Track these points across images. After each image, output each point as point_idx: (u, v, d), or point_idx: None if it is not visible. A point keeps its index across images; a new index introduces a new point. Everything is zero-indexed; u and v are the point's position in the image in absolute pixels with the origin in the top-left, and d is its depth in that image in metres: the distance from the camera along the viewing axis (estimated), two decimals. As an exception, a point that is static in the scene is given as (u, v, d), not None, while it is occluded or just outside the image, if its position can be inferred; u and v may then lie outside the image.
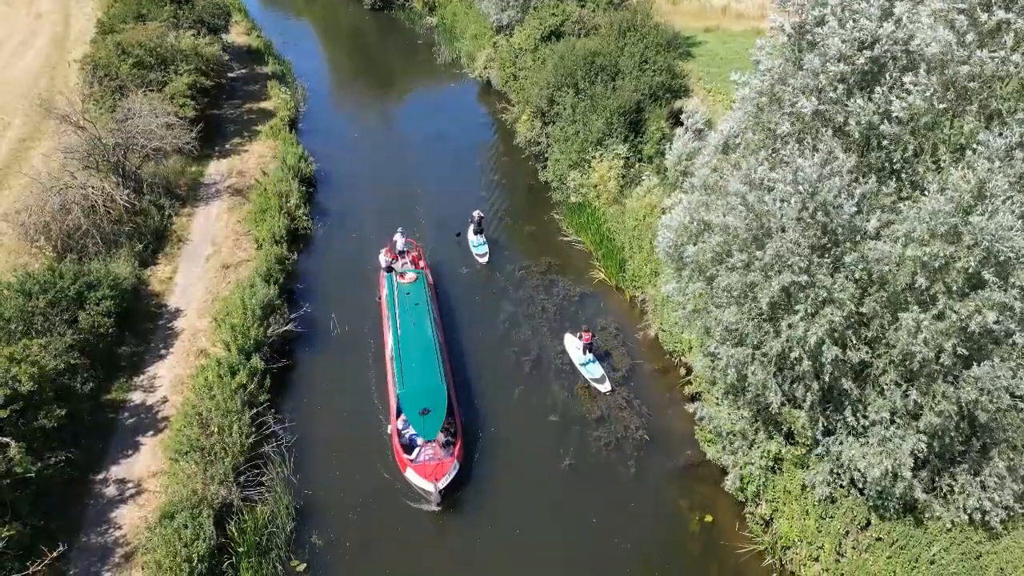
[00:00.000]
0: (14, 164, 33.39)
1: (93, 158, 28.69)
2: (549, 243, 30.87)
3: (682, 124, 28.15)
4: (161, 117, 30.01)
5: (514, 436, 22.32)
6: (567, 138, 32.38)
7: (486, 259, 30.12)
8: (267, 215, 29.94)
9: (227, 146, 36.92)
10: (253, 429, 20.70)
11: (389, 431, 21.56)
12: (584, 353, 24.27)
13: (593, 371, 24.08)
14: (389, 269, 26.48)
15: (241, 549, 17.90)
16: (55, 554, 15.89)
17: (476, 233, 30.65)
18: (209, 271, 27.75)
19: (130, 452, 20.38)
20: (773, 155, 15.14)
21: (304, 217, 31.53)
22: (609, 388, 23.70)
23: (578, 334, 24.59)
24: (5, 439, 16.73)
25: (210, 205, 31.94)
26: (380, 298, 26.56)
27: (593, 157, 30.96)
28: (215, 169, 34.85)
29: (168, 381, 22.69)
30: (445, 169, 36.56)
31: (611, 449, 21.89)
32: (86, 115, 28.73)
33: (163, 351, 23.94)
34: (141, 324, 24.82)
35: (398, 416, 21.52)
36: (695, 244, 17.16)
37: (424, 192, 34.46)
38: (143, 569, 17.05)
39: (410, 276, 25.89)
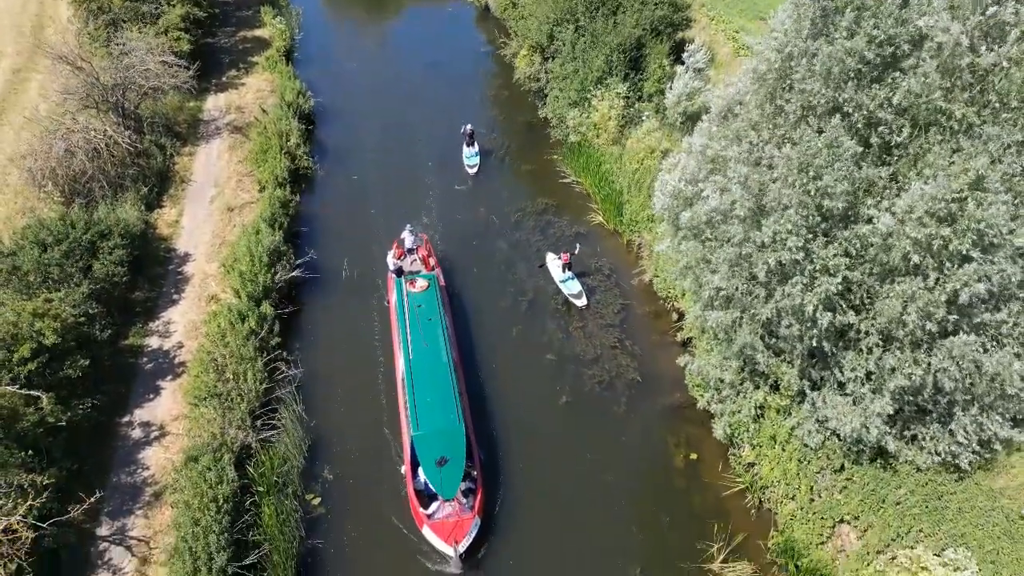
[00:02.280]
0: (11, 96, 33.33)
1: (92, 98, 28.67)
2: (547, 184, 31.24)
3: (683, 62, 28.29)
4: (158, 55, 29.77)
5: (513, 374, 23.51)
6: (566, 76, 32.20)
7: (476, 170, 31.69)
8: (268, 156, 30.16)
9: (223, 79, 36.61)
10: (266, 375, 21.80)
11: (403, 471, 20.16)
12: (563, 271, 26.17)
13: (571, 287, 25.98)
14: (399, 272, 24.89)
15: (261, 489, 19.32)
16: (93, 499, 17.22)
17: (468, 145, 32.31)
18: (214, 214, 28.25)
19: (151, 396, 21.55)
20: (774, 130, 15.54)
21: (305, 156, 31.71)
22: (584, 303, 25.74)
23: (559, 254, 26.51)
24: (36, 392, 17.76)
25: (210, 144, 32.06)
26: (388, 303, 24.98)
27: (593, 96, 30.91)
28: (213, 104, 34.72)
29: (182, 327, 23.65)
30: (444, 104, 36.34)
31: (604, 387, 23.15)
32: (82, 55, 28.49)
33: (175, 296, 24.80)
34: (152, 269, 25.57)
35: (413, 460, 19.83)
36: (691, 208, 17.74)
37: (423, 128, 34.49)
38: (173, 507, 18.49)
39: (421, 284, 23.90)
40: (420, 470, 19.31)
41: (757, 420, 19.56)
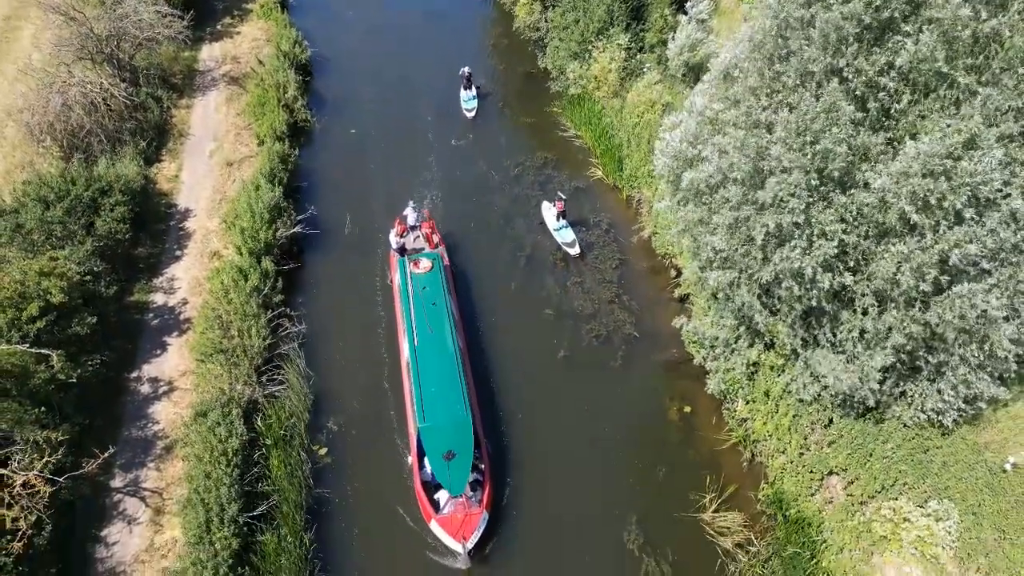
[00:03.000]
0: (3, 45, 32.88)
1: (86, 50, 28.32)
2: (547, 137, 31.09)
3: (686, 12, 27.86)
4: (151, 4, 29.27)
5: (512, 328, 23.93)
6: (567, 26, 31.69)
7: (473, 114, 32.01)
8: (266, 109, 29.94)
9: (218, 27, 36.02)
10: (270, 331, 22.19)
11: (410, 461, 20.05)
12: (558, 219, 26.46)
13: (565, 236, 26.40)
14: (401, 251, 24.53)
15: (268, 442, 19.93)
16: (106, 455, 17.80)
17: (465, 88, 32.52)
18: (214, 168, 28.22)
19: (158, 352, 21.99)
20: (773, 95, 15.52)
21: (303, 109, 31.47)
22: (578, 251, 26.13)
23: (553, 202, 26.74)
24: (47, 351, 18.14)
25: (207, 96, 31.77)
26: (391, 281, 24.60)
27: (594, 47, 30.50)
28: (208, 55, 34.24)
29: (186, 283, 23.94)
30: (443, 53, 35.80)
31: (601, 342, 23.59)
32: (75, 5, 28.00)
33: (178, 252, 25.01)
34: (154, 225, 25.71)
35: (419, 452, 19.60)
36: (691, 169, 17.82)
37: (421, 78, 34.14)
38: (184, 460, 19.12)
39: (425, 264, 23.16)
40: (427, 461, 19.13)
41: (751, 377, 20.03)
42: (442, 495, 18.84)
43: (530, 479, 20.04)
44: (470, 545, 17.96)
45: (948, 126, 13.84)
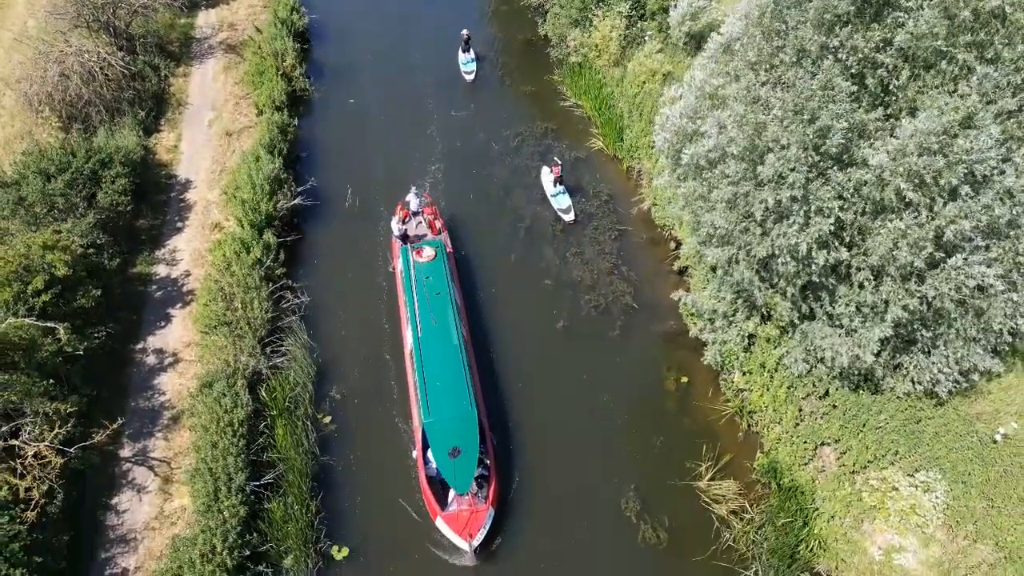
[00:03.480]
0: (-6, 9, 32.55)
1: (82, 17, 28.07)
2: (548, 107, 30.93)
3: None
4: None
5: (511, 299, 24.14)
6: (567, -8, 31.31)
7: (472, 77, 32.07)
8: (264, 78, 29.74)
9: (214, -9, 35.55)
10: (272, 303, 22.41)
11: (415, 455, 19.91)
12: (555, 185, 26.67)
13: (561, 201, 26.61)
14: (404, 238, 24.32)
15: (273, 412, 20.29)
16: (115, 426, 18.17)
17: (464, 51, 32.60)
18: (213, 138, 28.16)
19: (162, 324, 22.24)
20: (771, 71, 15.51)
21: (301, 78, 31.23)
22: (573, 218, 26.33)
23: (551, 167, 27.02)
24: (53, 324, 18.38)
25: (205, 64, 31.53)
26: (393, 268, 24.32)
27: (595, 15, 30.17)
28: (204, 21, 33.90)
29: (188, 255, 24.10)
30: (442, 20, 35.38)
31: (600, 312, 23.84)
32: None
33: (179, 224, 25.11)
34: (154, 196, 25.77)
35: (424, 445, 19.45)
36: (691, 144, 17.85)
37: (419, 46, 33.84)
38: (191, 431, 19.50)
39: (428, 253, 22.77)
40: (432, 455, 18.99)
41: (747, 349, 20.32)
42: (449, 495, 18.79)
43: (529, 447, 20.44)
44: (476, 543, 17.95)
45: (946, 104, 13.90)
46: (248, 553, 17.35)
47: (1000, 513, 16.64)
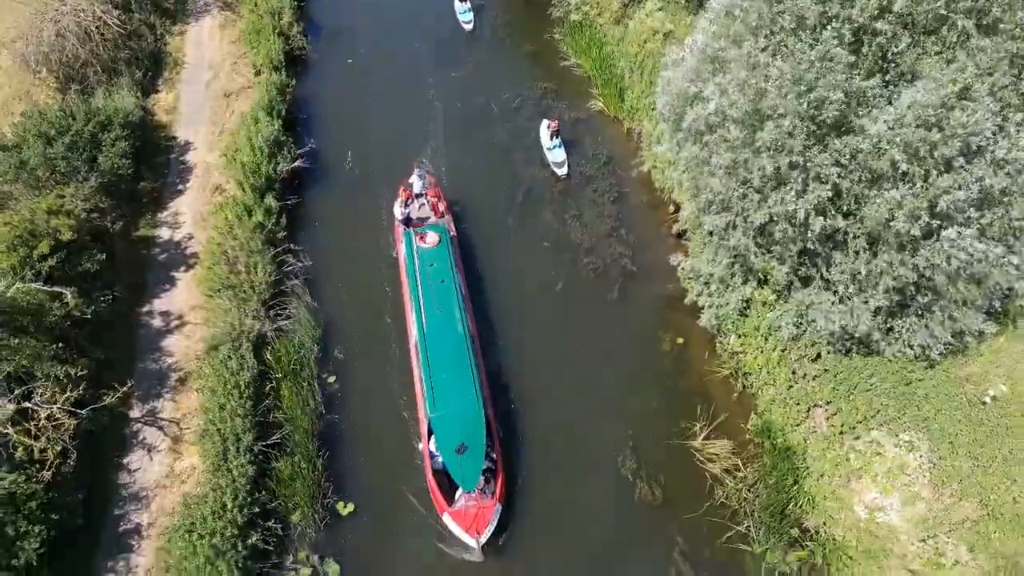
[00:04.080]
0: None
1: (75, -28, 27.61)
2: (548, 66, 30.67)
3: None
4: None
5: (510, 260, 24.39)
6: (568, -53, 30.78)
7: (471, 27, 32.27)
8: (261, 36, 29.42)
9: (208, -53, 34.80)
10: (275, 267, 22.66)
11: (420, 448, 19.88)
12: (551, 139, 26.93)
13: (556, 155, 26.87)
14: (407, 222, 24.01)
15: (279, 375, 20.72)
16: (125, 388, 18.60)
17: (460, 1, 32.78)
18: (211, 99, 28.02)
19: (167, 287, 22.52)
20: (772, 37, 15.48)
21: (299, 36, 30.88)
22: (566, 172, 26.64)
23: (549, 120, 27.38)
24: (59, 288, 18.66)
25: (200, 22, 31.15)
26: (396, 253, 24.02)
27: (596, -29, 29.77)
28: (200, -24, 33.27)
29: (190, 217, 24.24)
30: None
31: (598, 274, 24.12)
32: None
33: (180, 186, 25.18)
34: (154, 158, 25.75)
35: (430, 438, 19.43)
36: (692, 108, 17.88)
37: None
38: (199, 392, 19.95)
39: (432, 239, 22.44)
40: (438, 449, 18.96)
41: (743, 313, 20.66)
42: (456, 491, 18.69)
43: (526, 408, 20.90)
44: (483, 540, 17.90)
45: (943, 73, 13.95)
46: (257, 510, 17.97)
47: (985, 472, 17.20)
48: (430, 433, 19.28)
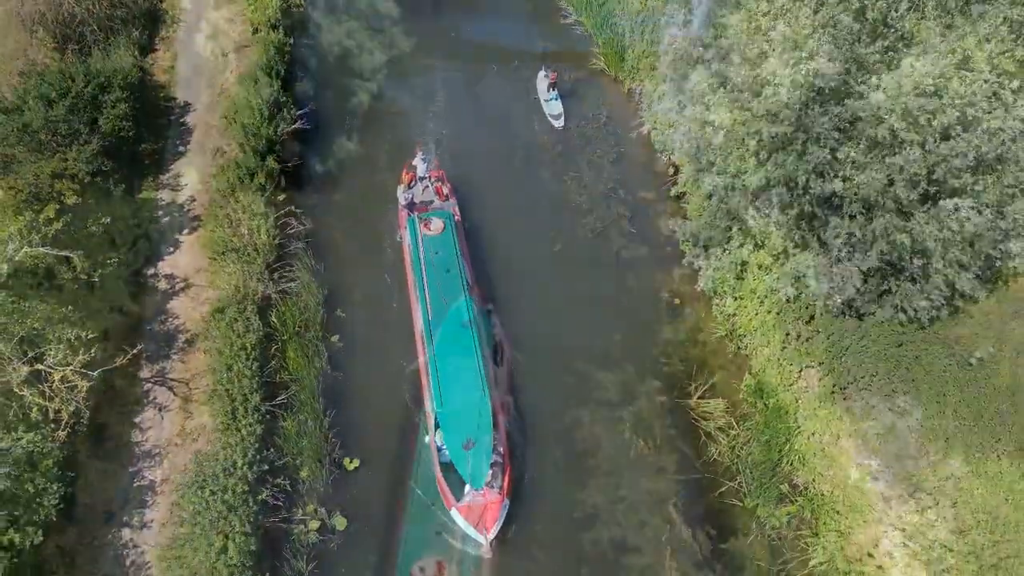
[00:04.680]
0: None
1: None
2: (548, 25, 30.48)
3: None
4: None
5: (508, 221, 24.62)
6: (569, -100, 30.20)
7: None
8: (258, -8, 29.05)
9: None
10: (278, 230, 22.89)
11: (427, 440, 19.70)
12: (549, 90, 27.21)
13: (553, 107, 27.15)
14: (410, 206, 23.57)
15: (284, 336, 21.15)
16: (135, 351, 19.05)
17: None
18: (209, 59, 27.80)
19: (171, 250, 22.76)
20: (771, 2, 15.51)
21: (295, -9, 30.49)
22: (562, 124, 26.90)
23: (548, 71, 27.41)
24: (67, 252, 18.95)
25: (196, -23, 30.66)
26: (400, 239, 23.61)
27: (597, -76, 29.27)
28: (193, -72, 32.62)
29: (192, 180, 24.33)
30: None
31: (597, 236, 24.41)
32: None
33: (181, 148, 25.20)
34: (154, 120, 25.64)
35: (436, 431, 19.29)
36: (695, 70, 17.92)
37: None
38: (206, 354, 20.40)
39: (436, 226, 22.19)
40: (444, 442, 18.94)
41: (740, 276, 21.00)
42: (463, 487, 18.62)
43: (528, 365, 21.38)
44: (492, 536, 17.90)
45: (941, 41, 14.03)
46: (266, 467, 18.58)
47: (971, 431, 17.76)
48: (437, 426, 19.28)
